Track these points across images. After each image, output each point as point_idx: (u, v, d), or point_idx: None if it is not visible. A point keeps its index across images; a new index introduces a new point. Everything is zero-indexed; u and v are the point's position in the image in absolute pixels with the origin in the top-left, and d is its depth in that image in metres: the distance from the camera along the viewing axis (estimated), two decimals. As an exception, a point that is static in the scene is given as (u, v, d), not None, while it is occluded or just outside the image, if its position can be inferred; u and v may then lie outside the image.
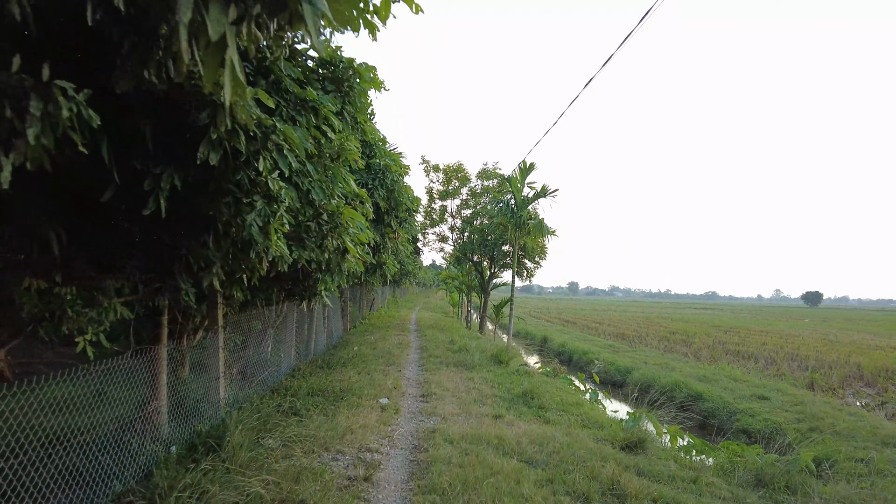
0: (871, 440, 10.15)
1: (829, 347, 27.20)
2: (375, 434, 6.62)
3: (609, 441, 7.28)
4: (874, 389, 16.77)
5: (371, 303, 24.40)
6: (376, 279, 12.51)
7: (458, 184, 24.43)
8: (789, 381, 16.58)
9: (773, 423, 11.67)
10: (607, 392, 15.32)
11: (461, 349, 14.12)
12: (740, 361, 21.69)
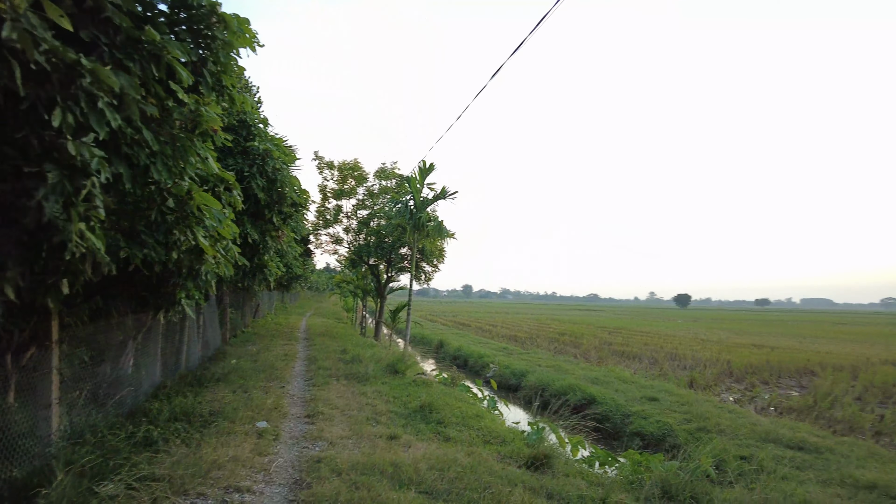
0: (752, 437, 10.47)
1: (701, 346, 29.11)
2: (248, 468, 5.54)
3: (514, 458, 6.71)
4: (743, 385, 17.87)
5: (255, 309, 22.60)
6: (257, 283, 11.16)
7: (354, 183, 23.26)
8: (673, 381, 17.22)
9: (665, 424, 11.82)
10: (505, 398, 15.03)
11: (354, 359, 13.12)
12: (626, 362, 22.45)
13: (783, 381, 18.98)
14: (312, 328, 23.56)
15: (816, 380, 18.04)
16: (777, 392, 16.47)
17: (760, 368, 20.59)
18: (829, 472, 7.84)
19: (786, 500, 6.42)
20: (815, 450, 9.15)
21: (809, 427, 11.03)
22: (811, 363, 21.98)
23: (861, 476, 7.41)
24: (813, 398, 14.36)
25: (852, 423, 11.83)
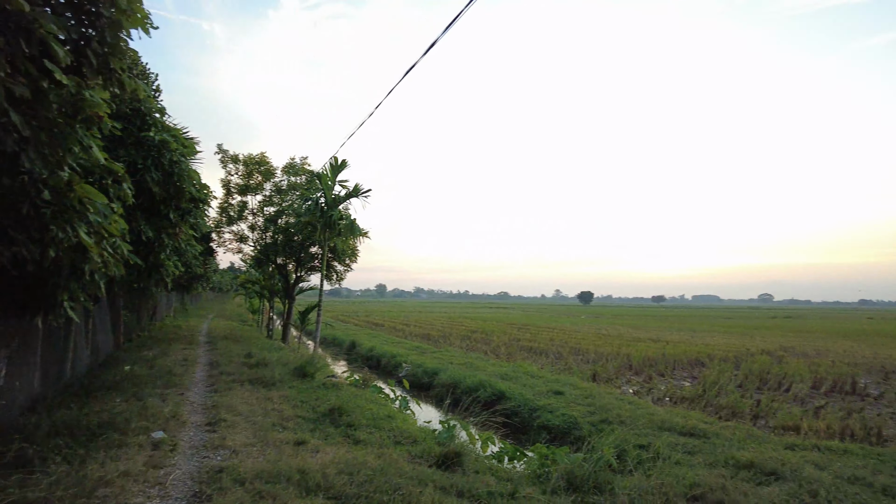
0: (650, 426, 11.11)
1: (603, 341, 30.64)
2: (142, 483, 5.14)
3: (425, 458, 6.69)
4: (641, 377, 18.95)
5: (153, 312, 21.18)
6: (153, 284, 10.42)
7: (260, 178, 22.32)
8: (577, 375, 17.94)
9: (570, 417, 12.27)
10: (417, 398, 15.01)
11: (260, 363, 12.60)
12: (534, 357, 23.16)
13: (677, 373, 20.31)
14: (215, 331, 22.42)
15: (705, 370, 19.48)
16: (672, 383, 17.61)
17: (657, 361, 21.95)
18: (715, 454, 8.47)
19: (678, 483, 6.84)
20: (703, 435, 9.85)
21: (699, 414, 11.86)
22: (701, 355, 23.73)
23: (741, 456, 8.06)
24: (702, 388, 15.48)
25: (734, 409, 12.87)
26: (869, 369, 20.30)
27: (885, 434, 10.80)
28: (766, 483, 7.09)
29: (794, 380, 17.13)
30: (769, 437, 9.95)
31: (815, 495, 6.49)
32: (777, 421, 11.73)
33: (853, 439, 10.35)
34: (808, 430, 10.87)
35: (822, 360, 22.32)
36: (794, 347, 27.80)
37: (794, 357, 23.51)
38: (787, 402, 14.14)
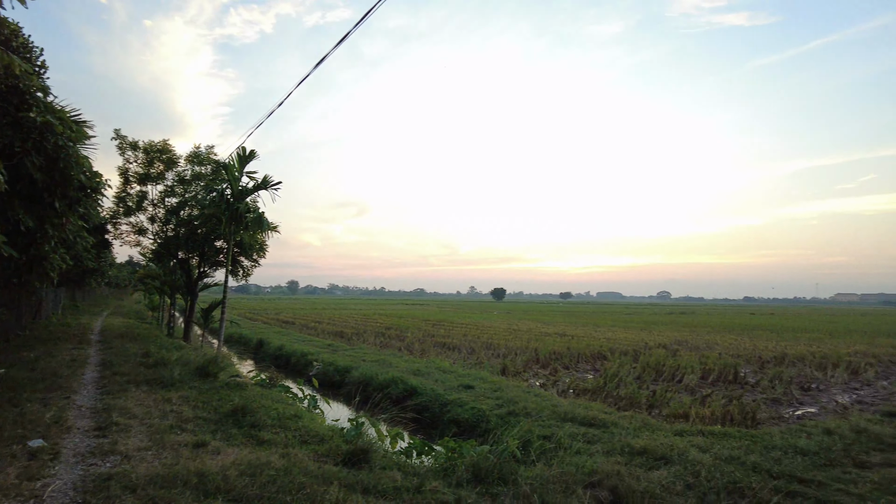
0: (554, 417, 11.57)
1: (513, 336, 31.54)
2: (13, 497, 4.72)
3: (331, 457, 6.62)
4: (548, 370, 19.70)
5: (36, 309, 19.43)
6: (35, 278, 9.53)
7: (162, 167, 20.99)
8: (487, 369, 18.37)
9: (479, 410, 12.54)
10: (327, 397, 14.78)
11: (158, 363, 11.91)
12: (447, 353, 23.46)
13: (581, 366, 21.26)
14: (110, 329, 20.93)
15: (607, 363, 20.55)
16: (576, 375, 18.42)
17: (563, 355, 22.87)
18: (613, 442, 8.96)
19: (578, 471, 7.18)
20: (603, 425, 10.39)
21: (600, 405, 12.50)
22: (603, 349, 24.98)
23: (635, 444, 8.59)
24: (603, 379, 16.32)
25: (632, 399, 13.67)
26: (749, 360, 22.23)
27: (758, 417, 11.90)
28: (657, 467, 7.58)
29: (686, 371, 18.42)
30: (662, 424, 10.65)
31: (697, 475, 7.04)
32: (669, 410, 12.57)
33: (732, 423, 11.30)
34: (695, 417, 11.74)
35: (710, 352, 24.17)
36: (687, 341, 29.90)
37: (686, 350, 25.29)
38: (678, 391, 15.21)
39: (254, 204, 17.14)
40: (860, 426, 10.00)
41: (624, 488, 6.58)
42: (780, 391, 15.60)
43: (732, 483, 6.88)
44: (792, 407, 14.01)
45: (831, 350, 25.63)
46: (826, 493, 6.67)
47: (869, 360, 22.64)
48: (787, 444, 8.78)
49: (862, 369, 20.47)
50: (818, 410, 13.50)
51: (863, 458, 8.31)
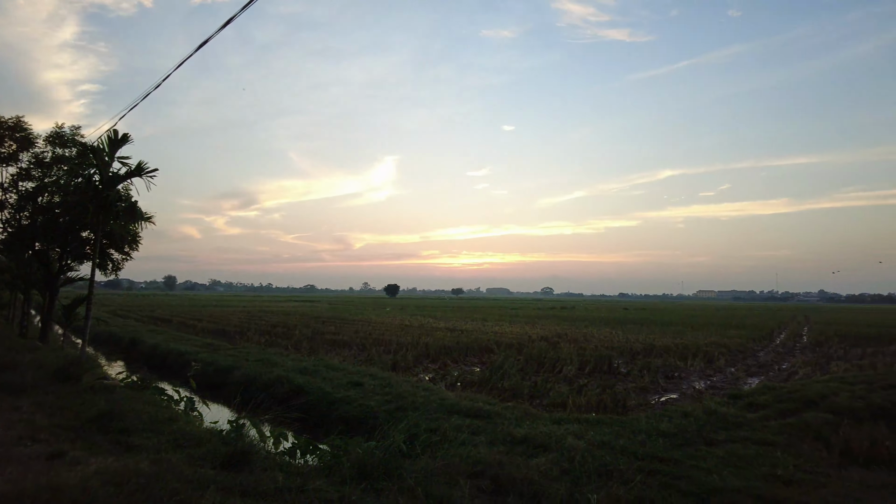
0: (441, 410, 11.78)
1: (405, 331, 31.73)
2: None
3: (209, 460, 6.29)
4: (437, 365, 20.05)
5: None
6: None
7: (15, 146, 18.69)
8: (378, 365, 18.33)
9: (368, 407, 12.49)
10: (206, 398, 14.00)
11: (6, 366, 10.65)
12: (337, 350, 23.13)
13: (469, 359, 21.84)
14: (-54, 330, 18.37)
15: (493, 356, 21.27)
16: (464, 369, 18.91)
17: (452, 349, 23.37)
18: (496, 433, 9.30)
19: (462, 462, 7.39)
20: (487, 416, 10.74)
21: (485, 397, 12.91)
22: (491, 342, 25.84)
23: (517, 433, 8.99)
24: (489, 372, 16.87)
25: (515, 390, 14.28)
26: (622, 351, 24.00)
27: (628, 404, 12.91)
28: (537, 454, 7.98)
29: (566, 362, 19.51)
30: (542, 414, 11.22)
31: (572, 461, 7.50)
32: (549, 399, 13.28)
33: (606, 411, 12.16)
34: (572, 405, 12.49)
35: (587, 344, 25.80)
36: (567, 334, 31.70)
37: (566, 342, 26.80)
38: (558, 382, 16.09)
39: (126, 192, 15.82)
40: (711, 408, 11.16)
41: (505, 476, 6.86)
42: (647, 380, 17.01)
43: (603, 466, 7.41)
44: (657, 394, 15.33)
45: (691, 341, 28.32)
46: (681, 470, 7.37)
47: (721, 350, 25.33)
48: (651, 428, 9.59)
49: (715, 358, 22.86)
50: (679, 396, 14.89)
51: (712, 437, 9.29)
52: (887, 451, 8.88)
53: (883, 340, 32.79)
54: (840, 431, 9.67)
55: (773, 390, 13.25)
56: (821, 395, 12.74)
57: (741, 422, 10.42)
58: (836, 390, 13.27)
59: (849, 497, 6.53)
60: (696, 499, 6.45)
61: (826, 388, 13.62)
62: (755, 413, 11.23)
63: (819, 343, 31.19)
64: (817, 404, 11.98)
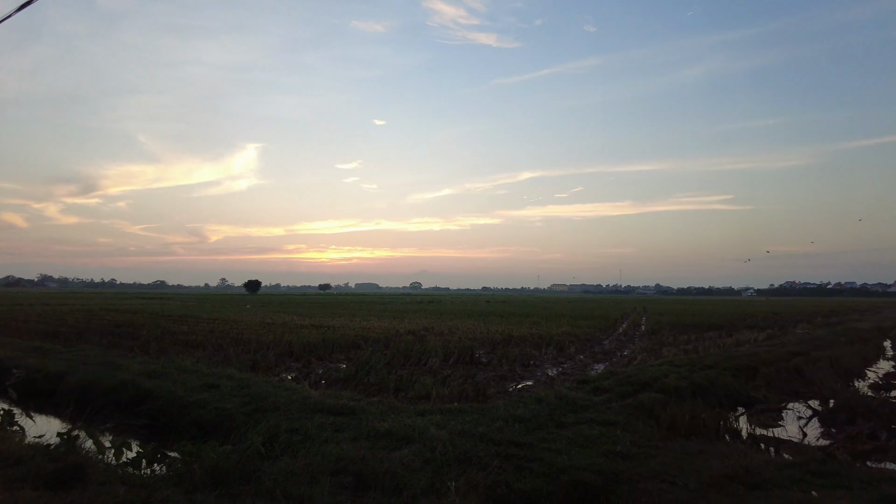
0: (304, 409, 11.49)
1: (267, 329, 30.42)
2: None
3: (31, 480, 5.59)
4: (301, 363, 19.51)
5: None
6: None
7: None
8: (236, 366, 17.42)
9: (224, 409, 11.83)
10: (32, 409, 12.35)
11: None
12: (191, 351, 21.60)
13: (335, 356, 21.50)
14: None
15: (360, 352, 21.13)
16: (329, 366, 18.58)
17: (318, 346, 22.84)
18: (360, 428, 9.27)
19: (324, 460, 7.28)
20: (352, 412, 10.66)
21: (350, 393, 12.80)
22: (358, 338, 25.63)
23: (380, 427, 9.03)
24: (355, 368, 16.74)
25: (381, 385, 14.32)
26: (483, 342, 25.04)
27: (488, 393, 13.51)
28: (400, 447, 8.08)
29: (431, 355, 19.92)
30: (406, 406, 11.36)
31: (434, 451, 7.69)
32: (414, 392, 13.48)
33: (467, 400, 12.61)
34: (436, 396, 12.80)
35: (452, 337, 26.57)
36: (434, 327, 32.39)
37: (433, 336, 27.38)
38: (423, 374, 16.38)
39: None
40: (562, 393, 12.04)
41: (368, 471, 6.87)
42: (506, 368, 17.92)
43: (463, 454, 7.69)
44: (515, 381, 16.21)
45: (546, 332, 30.29)
46: (534, 452, 7.88)
47: (572, 339, 27.41)
48: (508, 415, 10.13)
49: (566, 346, 24.69)
50: (534, 383, 15.87)
51: (562, 420, 10.04)
52: (703, 423, 10.22)
53: (702, 328, 37.54)
54: (668, 409, 10.92)
55: (615, 375, 14.58)
56: (654, 377, 14.28)
57: (588, 405, 11.37)
58: (665, 373, 14.93)
59: (672, 465, 7.40)
60: (547, 478, 6.93)
61: (658, 371, 15.28)
62: (600, 396, 12.30)
63: (654, 331, 34.89)
64: (651, 386, 13.41)
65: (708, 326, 38.39)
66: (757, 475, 6.91)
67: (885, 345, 29.75)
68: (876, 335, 33.64)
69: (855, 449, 9.48)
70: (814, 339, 26.73)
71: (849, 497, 6.22)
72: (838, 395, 13.35)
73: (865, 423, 10.93)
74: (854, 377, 17.97)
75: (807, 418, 12.27)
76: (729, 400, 13.80)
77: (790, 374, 16.72)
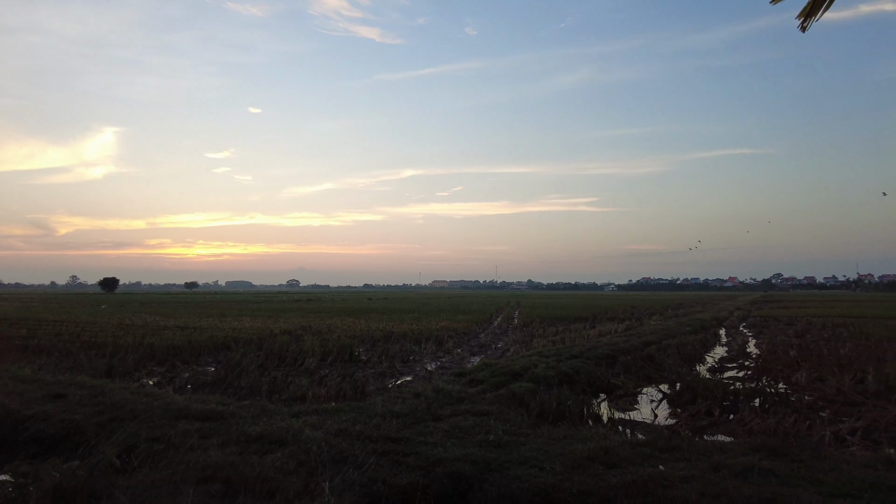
0: (167, 416, 10.68)
1: (125, 331, 27.85)
2: None
3: None
4: (164, 367, 18.15)
5: None
6: None
7: None
8: (88, 372, 15.81)
9: (72, 421, 10.65)
10: None
11: None
12: (32, 358, 19.20)
13: (203, 359, 20.24)
14: None
15: (231, 353, 20.03)
16: (196, 369, 17.44)
17: (183, 349, 21.32)
18: (230, 434, 8.78)
19: (189, 468, 6.81)
20: (220, 417, 10.08)
21: (219, 397, 12.09)
22: (229, 339, 24.27)
23: (252, 431, 8.63)
24: (225, 370, 15.86)
25: (253, 387, 13.70)
26: (363, 340, 24.86)
27: (367, 390, 13.43)
28: (272, 450, 7.77)
29: (308, 355, 19.37)
30: (281, 409, 10.95)
31: (308, 452, 7.50)
32: (289, 393, 13.05)
33: (345, 399, 12.43)
34: (312, 397, 12.48)
35: (331, 335, 26.04)
36: (311, 326, 31.54)
37: (310, 335, 26.64)
38: (299, 375, 15.90)
39: None
40: (439, 387, 12.27)
41: (237, 477, 6.54)
42: (386, 365, 17.93)
43: (339, 453, 7.57)
44: (394, 377, 16.27)
45: (425, 327, 30.72)
46: (411, 447, 7.95)
47: (450, 333, 28.06)
48: (386, 411, 10.13)
49: (445, 341, 25.22)
50: (413, 378, 16.03)
51: (439, 413, 10.23)
52: (569, 409, 10.93)
53: (569, 320, 40.17)
54: (537, 397, 11.54)
55: (489, 367, 15.12)
56: (525, 367, 15.01)
57: (463, 396, 11.69)
58: (536, 363, 15.76)
59: (540, 450, 7.83)
60: (423, 471, 7.03)
61: (529, 361, 16.09)
62: (475, 388, 12.70)
63: (526, 324, 36.70)
64: (522, 376, 14.07)
65: (574, 319, 41.18)
66: (615, 455, 7.51)
67: (720, 333, 33.65)
68: (713, 324, 38.04)
69: (694, 425, 10.67)
70: (664, 329, 29.60)
71: (688, 468, 6.97)
72: (683, 378, 14.86)
73: (704, 402, 12.30)
74: (696, 362, 20.11)
75: (658, 401, 13.54)
76: (592, 387, 14.88)
77: (644, 362, 18.35)
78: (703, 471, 6.83)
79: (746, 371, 17.46)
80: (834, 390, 13.10)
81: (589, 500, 6.11)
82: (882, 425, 10.21)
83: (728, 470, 6.82)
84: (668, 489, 6.19)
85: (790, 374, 15.55)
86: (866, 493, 6.14)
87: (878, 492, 6.20)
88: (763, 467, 6.88)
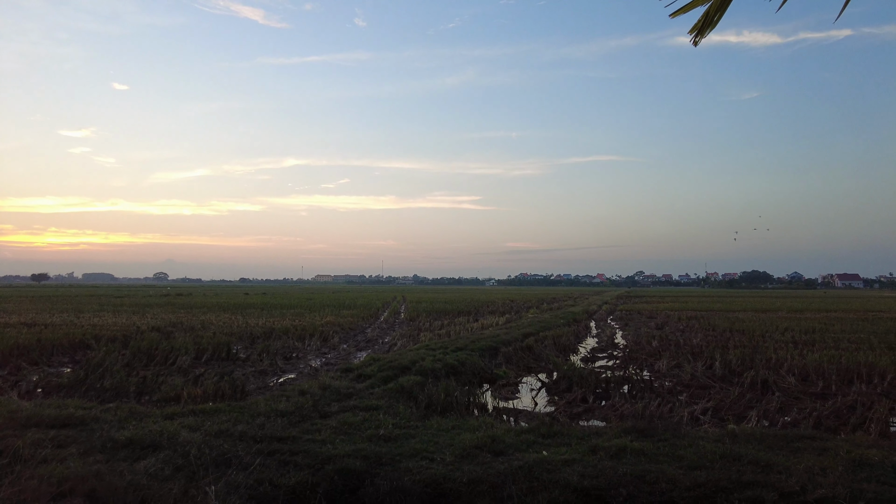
0: (11, 426, 9.49)
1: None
2: None
3: None
4: (7, 369, 16.11)
5: None
6: None
7: None
8: None
9: None
10: None
11: None
12: None
13: (56, 359, 18.23)
14: None
15: (90, 353, 18.18)
16: (48, 371, 15.66)
17: (31, 348, 18.99)
18: (93, 441, 7.97)
19: (42, 483, 6.10)
20: (80, 423, 9.12)
21: (78, 401, 10.92)
22: (87, 336, 22.00)
23: (119, 436, 7.90)
24: (85, 371, 14.37)
25: (119, 389, 12.55)
26: (241, 337, 23.64)
27: (247, 389, 12.82)
28: (145, 456, 7.18)
29: (181, 353, 18.09)
30: (152, 410, 10.14)
31: (187, 456, 7.01)
32: (161, 394, 12.11)
33: (224, 399, 11.75)
34: (187, 397, 11.67)
35: (205, 332, 24.47)
36: (183, 322, 29.46)
37: (182, 331, 24.89)
38: (172, 374, 14.82)
39: None
40: (326, 383, 12.01)
41: (104, 488, 5.96)
42: (267, 363, 17.21)
43: (221, 455, 7.16)
44: (277, 375, 15.67)
45: (309, 322, 29.88)
46: (298, 445, 7.71)
47: (336, 329, 27.54)
48: (270, 410, 9.73)
49: (330, 336, 24.72)
50: (297, 375, 15.54)
51: (327, 410, 10.02)
52: (456, 400, 11.18)
53: (454, 314, 41.09)
54: (425, 389, 11.68)
55: (377, 361, 15.06)
56: (413, 361, 15.13)
57: (351, 392, 11.54)
58: (423, 356, 15.94)
59: (430, 442, 7.94)
60: (312, 469, 6.85)
61: (416, 355, 16.24)
62: (363, 383, 12.59)
63: (413, 318, 36.98)
64: (410, 369, 14.18)
65: (459, 312, 42.18)
66: (501, 443, 7.80)
67: (591, 325, 36.14)
68: (585, 317, 40.77)
69: (572, 412, 11.39)
70: (541, 322, 31.21)
71: (569, 452, 7.43)
72: (559, 368, 15.77)
73: (579, 389, 13.16)
74: (571, 352, 21.44)
75: (537, 389, 14.26)
76: (477, 378, 15.35)
77: (524, 352, 19.25)
78: (582, 454, 7.31)
79: (615, 360, 18.92)
80: (689, 376, 14.60)
81: (479, 488, 6.30)
82: (727, 405, 11.58)
83: (604, 452, 7.36)
84: (552, 473, 6.56)
85: (653, 363, 17.10)
86: (717, 463, 6.93)
87: (727, 461, 7.04)
88: (634, 448, 7.50)
